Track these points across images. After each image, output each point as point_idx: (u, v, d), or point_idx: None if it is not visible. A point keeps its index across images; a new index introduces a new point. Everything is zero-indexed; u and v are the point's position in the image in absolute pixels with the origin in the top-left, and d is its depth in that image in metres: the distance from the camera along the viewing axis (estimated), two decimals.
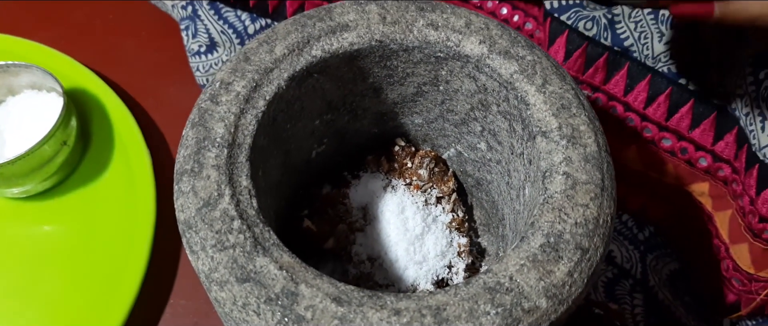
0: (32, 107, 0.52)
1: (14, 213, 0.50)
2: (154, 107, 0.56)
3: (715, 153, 0.40)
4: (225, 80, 0.32)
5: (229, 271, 0.27)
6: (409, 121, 0.40)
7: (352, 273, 0.38)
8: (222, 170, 0.30)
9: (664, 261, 0.46)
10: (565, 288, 0.28)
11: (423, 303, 0.27)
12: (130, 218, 0.49)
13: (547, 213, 0.29)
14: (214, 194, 0.29)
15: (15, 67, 0.50)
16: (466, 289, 0.27)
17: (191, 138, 0.31)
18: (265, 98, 0.32)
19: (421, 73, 0.36)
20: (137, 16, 0.60)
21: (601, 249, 0.29)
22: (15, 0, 0.61)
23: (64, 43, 0.57)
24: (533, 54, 0.34)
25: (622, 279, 0.46)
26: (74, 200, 0.50)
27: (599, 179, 0.30)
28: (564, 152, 0.31)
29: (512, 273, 0.28)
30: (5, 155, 0.49)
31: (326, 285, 0.27)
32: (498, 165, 0.38)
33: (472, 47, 0.34)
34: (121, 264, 0.46)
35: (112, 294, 0.45)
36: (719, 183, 0.41)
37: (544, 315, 0.27)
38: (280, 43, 0.34)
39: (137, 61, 0.58)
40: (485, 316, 0.26)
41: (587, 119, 0.32)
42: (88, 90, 0.54)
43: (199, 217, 0.29)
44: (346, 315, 0.26)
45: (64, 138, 0.49)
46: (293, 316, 0.26)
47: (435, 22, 0.35)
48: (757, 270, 0.39)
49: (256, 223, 0.29)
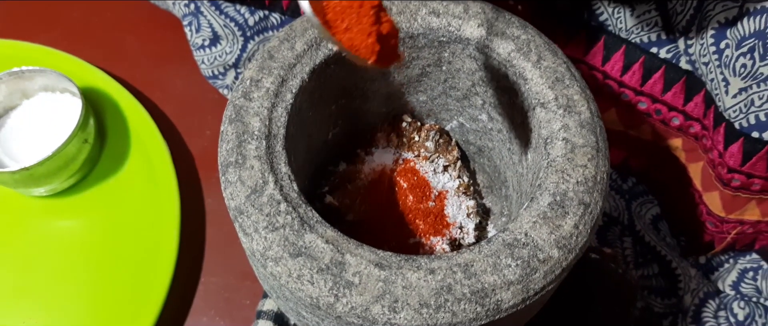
0: (48, 109, 0.54)
1: (43, 211, 0.53)
2: (163, 99, 0.59)
3: (686, 113, 0.44)
4: (254, 78, 0.36)
5: (282, 248, 0.31)
6: (415, 99, 0.44)
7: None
8: (263, 160, 0.33)
9: (647, 207, 0.51)
10: (573, 239, 0.32)
11: (453, 262, 0.31)
12: (156, 206, 0.52)
13: (551, 175, 0.34)
14: (259, 181, 0.33)
15: (29, 72, 0.53)
16: (489, 247, 0.32)
17: (231, 133, 0.34)
18: (291, 91, 0.36)
19: (426, 56, 0.40)
20: (134, 12, 0.63)
21: (600, 203, 0.33)
22: (13, 2, 0.63)
23: (66, 44, 0.60)
24: (527, 33, 0.38)
25: (612, 226, 0.51)
26: (99, 194, 0.54)
27: (594, 142, 0.35)
28: (562, 120, 0.35)
29: (527, 229, 0.32)
30: (28, 156, 0.52)
31: (368, 253, 0.31)
32: (499, 134, 0.42)
33: (472, 31, 0.38)
34: (154, 248, 0.50)
35: (149, 277, 0.49)
36: (691, 139, 0.46)
37: (557, 264, 0.31)
38: (299, 40, 0.37)
39: (140, 56, 0.61)
40: (507, 268, 0.31)
41: (579, 88, 0.36)
42: (99, 87, 0.57)
43: (249, 203, 0.32)
44: (389, 277, 0.31)
45: (85, 136, 0.52)
46: (343, 282, 0.30)
47: (436, 9, 0.38)
48: (727, 213, 0.44)
49: (300, 204, 0.33)
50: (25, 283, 0.50)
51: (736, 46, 0.40)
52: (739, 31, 0.39)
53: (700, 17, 0.41)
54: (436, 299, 0.30)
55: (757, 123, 0.40)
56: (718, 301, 0.48)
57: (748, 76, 0.40)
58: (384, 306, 0.30)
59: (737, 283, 0.48)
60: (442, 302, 0.30)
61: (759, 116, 0.40)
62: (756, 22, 0.39)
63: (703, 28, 0.41)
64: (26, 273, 0.50)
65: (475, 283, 0.30)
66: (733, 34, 0.39)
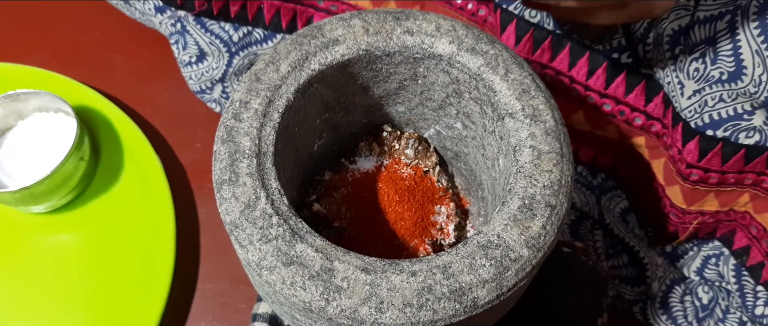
0: (43, 129, 0.57)
1: (43, 227, 0.55)
2: (153, 115, 0.61)
3: (647, 113, 0.48)
4: (243, 100, 0.39)
5: (276, 258, 0.34)
6: (394, 110, 0.47)
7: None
8: (255, 177, 0.36)
9: (615, 201, 0.54)
10: (541, 239, 0.35)
11: (432, 264, 0.34)
12: (151, 217, 0.54)
13: (520, 180, 0.37)
14: (252, 197, 0.36)
15: (24, 95, 0.55)
16: (465, 249, 0.35)
17: (224, 152, 0.37)
18: (278, 110, 0.39)
19: (402, 71, 0.43)
20: (121, 31, 0.65)
21: (565, 204, 0.37)
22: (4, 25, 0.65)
23: (57, 64, 0.62)
24: (495, 48, 0.41)
25: (583, 220, 0.54)
26: (96, 208, 0.56)
27: (558, 148, 0.38)
28: (528, 129, 0.38)
29: (499, 231, 0.35)
30: (26, 176, 0.54)
31: (354, 259, 0.34)
32: (473, 140, 0.45)
33: (444, 47, 0.41)
34: (152, 257, 0.53)
35: (148, 285, 0.51)
36: (653, 137, 0.49)
37: (527, 262, 0.35)
38: (283, 62, 0.40)
39: (129, 74, 0.63)
40: (482, 268, 0.34)
41: (544, 99, 0.39)
42: (91, 106, 0.59)
43: (244, 217, 0.35)
44: (374, 280, 0.33)
45: (81, 154, 0.54)
46: (333, 287, 0.33)
47: (410, 28, 0.41)
48: (688, 205, 0.48)
49: (290, 217, 0.36)
50: (26, 296, 0.52)
51: (688, 51, 0.43)
52: (691, 37, 0.42)
53: (656, 26, 0.44)
54: (418, 299, 0.33)
55: (711, 122, 0.43)
56: (683, 287, 0.51)
57: (700, 79, 0.43)
58: (371, 308, 0.33)
59: (701, 269, 0.52)
60: (424, 301, 0.33)
61: (712, 115, 0.43)
62: (706, 29, 0.42)
63: (659, 36, 0.44)
64: (28, 286, 0.53)
65: (453, 283, 0.33)
66: (685, 40, 0.43)
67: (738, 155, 0.43)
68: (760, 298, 0.49)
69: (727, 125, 0.43)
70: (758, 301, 0.49)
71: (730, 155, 0.43)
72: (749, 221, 0.48)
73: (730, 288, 0.50)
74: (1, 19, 0.61)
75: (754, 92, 0.42)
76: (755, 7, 0.40)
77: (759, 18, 0.40)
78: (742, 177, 0.45)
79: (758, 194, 0.46)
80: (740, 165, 0.44)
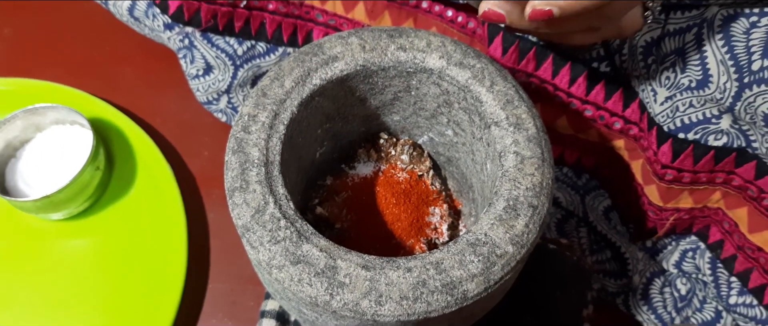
0: (60, 141, 0.60)
1: (62, 233, 0.59)
2: (162, 125, 0.65)
3: (625, 118, 0.51)
4: (251, 113, 0.42)
5: (284, 257, 0.38)
6: (389, 119, 0.51)
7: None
8: (263, 184, 0.40)
9: (599, 200, 0.58)
10: (525, 236, 0.39)
11: (426, 260, 0.38)
12: (164, 222, 0.58)
13: (505, 183, 0.40)
14: (261, 202, 0.39)
15: (43, 109, 0.59)
16: (455, 246, 0.38)
17: (235, 162, 0.41)
18: (283, 123, 0.42)
19: (396, 84, 0.47)
20: (131, 46, 0.68)
21: (546, 204, 0.40)
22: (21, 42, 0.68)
23: (70, 78, 0.65)
24: (481, 62, 0.44)
25: (568, 219, 0.58)
26: (111, 214, 0.59)
27: (540, 154, 0.41)
28: (513, 136, 0.42)
29: (486, 230, 0.39)
30: (44, 185, 0.58)
31: (355, 257, 0.38)
32: (463, 146, 0.49)
33: (434, 62, 0.44)
34: (165, 260, 0.56)
35: (162, 287, 0.55)
36: (631, 140, 0.52)
37: (512, 257, 0.38)
38: (287, 78, 0.43)
39: (139, 86, 0.67)
40: (471, 263, 0.37)
41: (526, 108, 0.43)
42: (104, 118, 0.62)
43: (254, 221, 0.39)
44: (374, 276, 0.37)
45: (97, 164, 0.58)
46: (336, 283, 0.37)
47: (403, 45, 0.45)
48: (664, 203, 0.51)
49: (296, 220, 0.39)
50: (47, 298, 0.56)
51: (660, 61, 0.46)
52: (662, 49, 0.46)
53: (630, 39, 0.48)
54: (413, 292, 0.36)
55: (682, 126, 0.47)
56: (663, 279, 0.55)
57: (671, 86, 0.46)
58: (371, 301, 0.36)
59: (679, 262, 0.55)
60: (419, 294, 0.36)
61: (683, 119, 0.47)
62: (675, 41, 0.46)
63: (633, 47, 0.48)
64: (48, 289, 0.56)
65: (445, 277, 0.37)
66: (657, 51, 0.46)
67: (708, 156, 0.47)
68: (734, 288, 0.52)
69: (697, 128, 0.46)
70: (732, 291, 0.52)
71: (700, 156, 0.47)
72: (722, 216, 0.51)
73: (706, 279, 0.54)
74: (19, 37, 0.64)
75: (719, 98, 0.45)
76: (719, 21, 0.44)
77: (723, 31, 0.44)
78: (713, 176, 0.48)
79: (729, 192, 0.50)
80: (711, 165, 0.47)
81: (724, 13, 0.44)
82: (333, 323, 0.39)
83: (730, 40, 0.44)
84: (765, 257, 0.49)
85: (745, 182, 0.48)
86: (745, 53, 0.44)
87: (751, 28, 0.43)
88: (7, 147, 0.59)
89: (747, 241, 0.50)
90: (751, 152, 0.46)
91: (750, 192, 0.48)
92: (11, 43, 0.69)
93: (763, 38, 0.43)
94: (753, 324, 0.51)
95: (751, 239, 0.49)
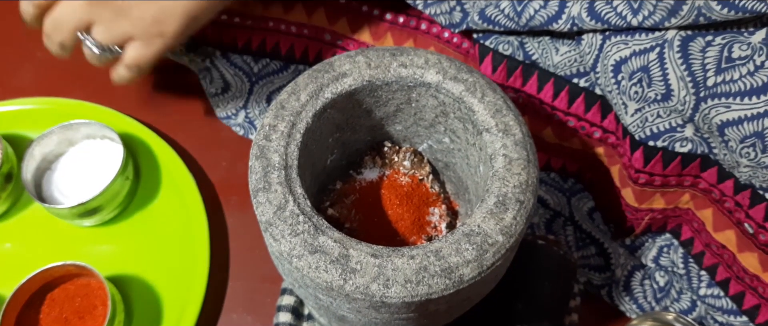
0: (91, 153, 0.66)
1: (94, 238, 0.64)
2: (185, 139, 0.70)
3: (603, 127, 0.57)
4: (271, 124, 0.48)
5: (303, 248, 0.43)
6: (393, 128, 0.57)
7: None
8: (284, 185, 0.45)
9: (583, 201, 0.63)
10: (513, 227, 0.44)
11: (427, 249, 0.43)
12: (187, 227, 0.63)
13: (495, 182, 0.46)
14: (282, 201, 0.45)
15: (76, 125, 0.64)
16: (452, 237, 0.44)
17: (258, 166, 0.46)
18: (300, 132, 0.48)
19: (398, 97, 0.52)
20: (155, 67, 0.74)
21: (532, 200, 0.46)
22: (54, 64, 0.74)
23: (99, 96, 0.71)
24: (473, 76, 0.50)
25: (556, 218, 0.63)
26: (139, 220, 0.65)
27: (526, 156, 0.47)
28: (501, 141, 0.47)
29: (479, 222, 0.44)
30: (78, 194, 0.63)
31: (365, 247, 0.43)
32: (459, 152, 0.54)
33: (432, 77, 0.50)
34: (189, 261, 0.61)
35: (187, 285, 0.60)
36: (609, 147, 0.58)
37: (502, 246, 0.44)
38: (303, 93, 0.49)
39: (164, 103, 0.72)
40: (466, 251, 0.43)
41: (514, 116, 0.48)
42: (132, 132, 0.68)
43: (276, 217, 0.44)
44: (382, 263, 0.42)
45: (127, 175, 0.63)
46: (349, 269, 0.42)
47: (404, 62, 0.51)
48: (639, 204, 0.57)
49: (313, 215, 0.45)
50: None
51: (628, 77, 0.52)
52: (629, 66, 0.52)
53: (602, 56, 0.53)
54: (416, 276, 0.42)
55: (652, 134, 0.52)
56: (643, 272, 0.60)
57: (640, 99, 0.52)
58: (379, 284, 0.42)
59: (657, 257, 0.61)
60: (421, 278, 0.42)
61: (652, 128, 0.52)
62: (641, 59, 0.51)
63: (605, 65, 0.54)
64: None
65: (444, 263, 0.42)
66: (625, 68, 0.52)
67: (675, 161, 0.52)
68: (703, 281, 0.58)
69: (665, 136, 0.52)
70: (702, 284, 0.58)
71: (668, 161, 0.52)
72: (692, 216, 0.57)
73: (680, 272, 0.59)
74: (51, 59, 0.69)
75: (681, 109, 0.51)
76: (678, 41, 0.50)
77: (681, 50, 0.49)
78: (682, 179, 0.54)
79: (696, 194, 0.55)
80: (678, 169, 0.53)
81: (683, 34, 0.50)
82: (346, 306, 0.44)
83: (687, 59, 0.49)
84: (728, 253, 0.54)
85: (709, 185, 0.53)
86: (700, 70, 0.49)
87: (706, 46, 0.49)
88: (44, 160, 0.65)
89: (712, 239, 0.55)
90: (713, 158, 0.52)
91: (713, 195, 0.53)
92: (44, 65, 0.75)
93: (717, 57, 0.48)
94: (721, 313, 0.57)
95: (715, 238, 0.55)
